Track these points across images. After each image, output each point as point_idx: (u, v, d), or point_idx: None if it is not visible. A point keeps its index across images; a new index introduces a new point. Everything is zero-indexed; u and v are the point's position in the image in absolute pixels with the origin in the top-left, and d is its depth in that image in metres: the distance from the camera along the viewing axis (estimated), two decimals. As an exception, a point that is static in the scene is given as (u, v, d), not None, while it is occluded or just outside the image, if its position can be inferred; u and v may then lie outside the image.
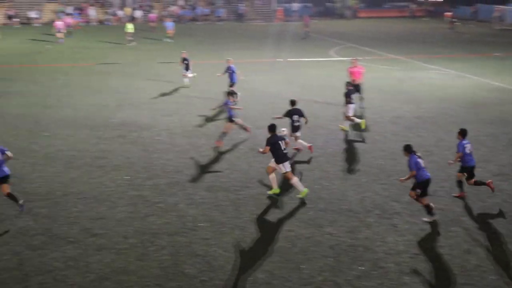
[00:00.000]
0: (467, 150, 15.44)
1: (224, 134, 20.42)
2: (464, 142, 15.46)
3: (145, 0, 76.58)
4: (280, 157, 15.62)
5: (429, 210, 14.37)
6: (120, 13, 72.56)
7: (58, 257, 12.61)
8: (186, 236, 13.62)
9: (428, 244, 13.30)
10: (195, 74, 31.49)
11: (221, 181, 17.14)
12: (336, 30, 64.37)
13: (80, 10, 71.82)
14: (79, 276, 11.86)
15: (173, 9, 74.39)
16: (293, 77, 34.34)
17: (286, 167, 15.72)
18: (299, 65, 39.50)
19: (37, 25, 67.60)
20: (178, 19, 70.91)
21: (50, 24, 60.50)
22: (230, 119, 20.49)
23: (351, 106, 22.14)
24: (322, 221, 14.46)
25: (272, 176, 15.95)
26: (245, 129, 21.34)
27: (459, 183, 15.90)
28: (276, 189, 16.01)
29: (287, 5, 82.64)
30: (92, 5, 73.25)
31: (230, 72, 26.60)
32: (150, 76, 34.37)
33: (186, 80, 31.11)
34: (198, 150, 20.11)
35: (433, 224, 14.21)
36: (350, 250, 13.00)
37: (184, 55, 30.85)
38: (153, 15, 65.92)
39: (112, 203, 15.55)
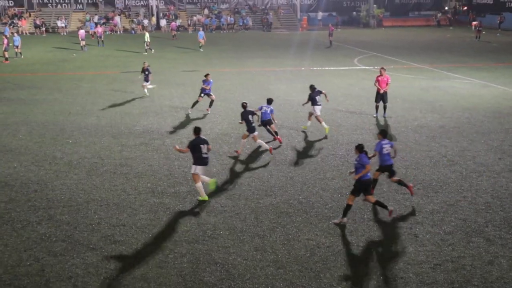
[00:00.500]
0: (385, 151, 15.94)
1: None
2: (383, 142, 15.99)
3: (170, 10, 77.30)
4: (198, 159, 16.05)
5: (346, 209, 14.72)
6: (145, 22, 73.30)
7: (78, 263, 12.71)
8: (206, 244, 13.64)
9: (449, 254, 13.14)
10: (154, 86, 31.75)
11: (242, 190, 17.15)
12: (361, 39, 64.21)
13: (106, 19, 72.71)
14: (99, 283, 11.94)
15: (198, 18, 74.93)
16: (316, 86, 34.15)
17: (198, 169, 16.08)
18: (322, 74, 39.41)
19: (63, 33, 68.54)
20: (203, 28, 71.50)
21: (76, 33, 61.35)
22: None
23: (318, 107, 23.27)
24: (342, 230, 14.39)
25: (199, 184, 16.18)
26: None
27: (375, 181, 16.32)
28: (205, 197, 16.26)
29: (312, 14, 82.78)
30: (119, 14, 74.20)
31: (206, 84, 26.80)
32: (173, 84, 34.60)
33: (145, 91, 31.44)
34: (219, 158, 20.17)
35: (455, 235, 14.06)
36: (370, 260, 12.91)
37: (146, 66, 31.11)
38: (174, 23, 66.77)
39: (134, 210, 15.63)
